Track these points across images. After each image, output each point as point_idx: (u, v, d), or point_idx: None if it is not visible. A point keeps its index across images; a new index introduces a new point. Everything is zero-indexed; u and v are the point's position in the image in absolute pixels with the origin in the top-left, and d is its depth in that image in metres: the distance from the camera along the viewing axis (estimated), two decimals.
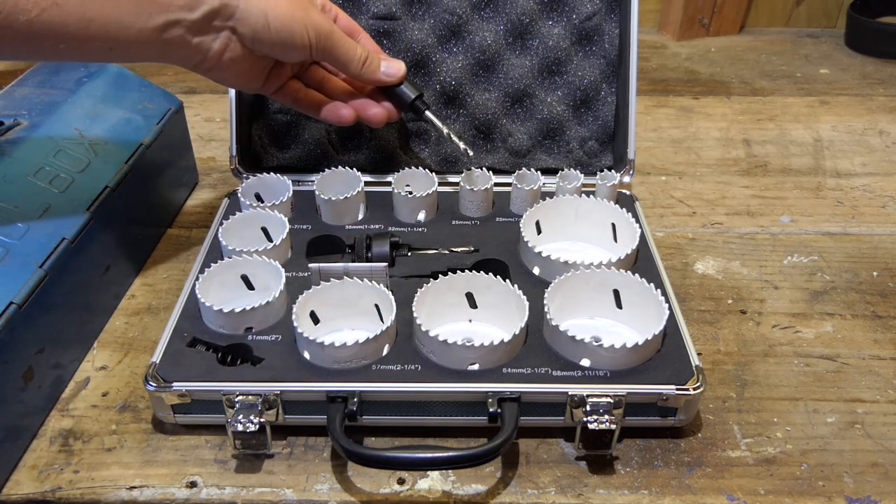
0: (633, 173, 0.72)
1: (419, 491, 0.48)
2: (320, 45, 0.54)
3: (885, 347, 0.59)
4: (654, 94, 1.04)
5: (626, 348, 0.48)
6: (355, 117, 0.60)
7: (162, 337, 0.52)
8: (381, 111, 0.61)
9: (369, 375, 0.49)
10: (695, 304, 0.64)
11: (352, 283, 0.54)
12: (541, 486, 0.48)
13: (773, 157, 0.88)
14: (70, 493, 0.47)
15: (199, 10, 0.48)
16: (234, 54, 0.52)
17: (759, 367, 0.57)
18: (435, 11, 0.72)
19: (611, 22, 0.73)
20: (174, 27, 0.48)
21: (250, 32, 0.51)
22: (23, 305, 0.49)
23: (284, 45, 0.53)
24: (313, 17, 0.53)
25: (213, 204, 0.78)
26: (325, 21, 0.54)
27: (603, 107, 0.74)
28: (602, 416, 0.47)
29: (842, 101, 1.02)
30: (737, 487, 0.48)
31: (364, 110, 0.61)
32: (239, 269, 0.57)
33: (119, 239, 0.63)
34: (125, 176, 0.64)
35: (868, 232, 0.74)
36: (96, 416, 0.53)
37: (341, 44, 0.56)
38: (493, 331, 0.55)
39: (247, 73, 0.55)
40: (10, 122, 0.62)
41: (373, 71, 0.59)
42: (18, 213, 0.54)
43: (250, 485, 0.48)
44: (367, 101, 0.61)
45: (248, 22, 0.51)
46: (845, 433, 0.52)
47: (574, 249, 0.64)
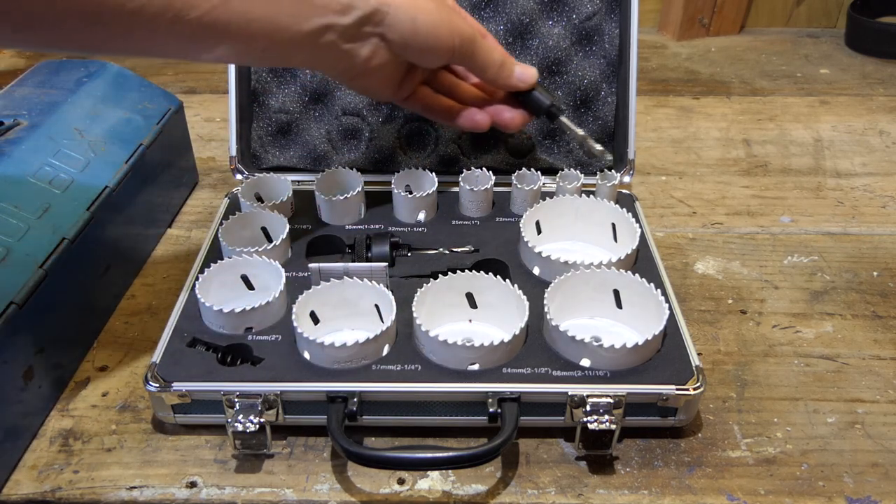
0: (633, 173, 0.72)
1: (419, 491, 0.48)
2: (464, 50, 0.53)
3: (885, 347, 0.59)
4: (654, 94, 1.04)
5: (626, 348, 0.48)
6: (490, 122, 0.59)
7: (162, 337, 0.52)
8: (517, 116, 0.59)
9: (369, 375, 0.49)
10: (695, 304, 0.64)
11: (352, 283, 0.54)
12: (541, 486, 0.48)
13: (774, 157, 0.88)
14: (70, 493, 0.47)
15: (351, 14, 0.47)
16: (380, 61, 0.51)
17: (759, 367, 0.57)
18: None
19: (611, 22, 0.73)
20: (328, 32, 0.47)
21: (399, 38, 0.50)
22: (23, 305, 0.49)
23: (431, 50, 0.52)
24: (456, 21, 0.52)
25: (213, 204, 0.78)
26: (467, 26, 0.53)
27: (603, 107, 0.74)
28: (602, 416, 0.47)
29: (842, 101, 1.02)
30: (737, 487, 0.48)
31: (499, 115, 0.59)
32: (239, 269, 0.57)
33: (119, 239, 0.63)
34: (125, 176, 0.64)
35: (868, 232, 0.74)
36: (96, 416, 0.53)
37: (482, 48, 0.54)
38: (493, 331, 0.55)
39: (387, 79, 0.54)
40: (10, 122, 0.62)
41: (507, 76, 0.57)
42: (18, 213, 0.54)
43: (250, 485, 0.48)
44: (501, 106, 0.59)
45: (398, 28, 0.49)
46: (845, 433, 0.52)
47: (574, 249, 0.64)
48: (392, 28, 0.49)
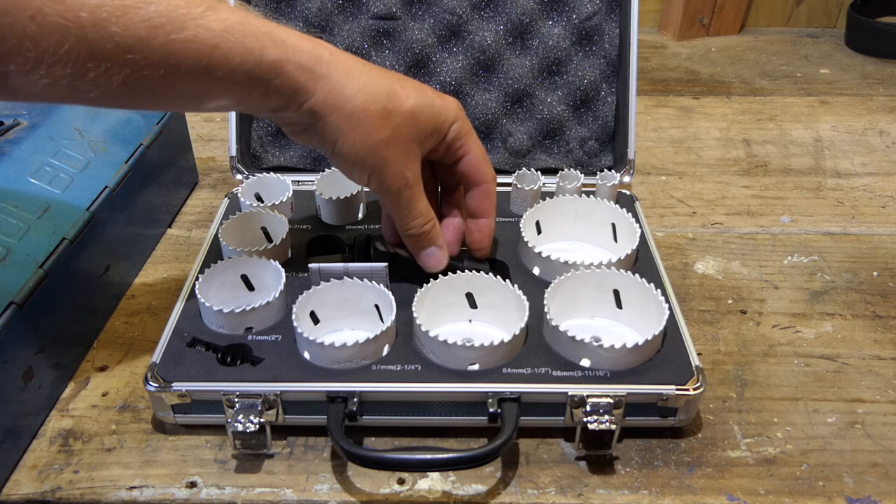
0: (633, 173, 0.72)
1: (419, 491, 0.48)
2: (380, 194, 0.51)
3: (886, 347, 0.59)
4: (654, 94, 1.04)
5: (626, 348, 0.48)
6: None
7: (162, 337, 0.52)
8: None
9: (369, 375, 0.49)
10: (695, 304, 0.64)
11: (352, 283, 0.54)
12: (541, 486, 0.48)
13: (773, 157, 0.88)
14: (70, 493, 0.47)
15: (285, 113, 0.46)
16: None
17: (759, 367, 0.57)
18: (435, 11, 0.72)
19: (611, 22, 0.73)
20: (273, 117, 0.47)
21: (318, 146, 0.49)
22: (23, 305, 0.49)
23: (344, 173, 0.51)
24: (392, 167, 0.49)
25: (213, 204, 0.78)
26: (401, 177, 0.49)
27: (603, 107, 0.74)
28: (602, 416, 0.47)
29: (842, 101, 1.02)
30: (737, 487, 0.48)
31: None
32: (239, 269, 0.57)
33: (119, 239, 0.63)
34: (125, 176, 0.64)
35: (868, 232, 0.74)
36: (96, 416, 0.53)
37: (400, 206, 0.51)
38: (493, 331, 0.55)
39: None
40: (10, 122, 0.62)
41: (416, 249, 0.55)
42: (18, 213, 0.54)
43: (250, 485, 0.48)
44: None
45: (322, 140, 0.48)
46: (845, 433, 0.52)
47: (574, 249, 0.64)
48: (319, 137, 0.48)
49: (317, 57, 0.45)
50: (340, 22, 0.72)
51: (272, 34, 0.43)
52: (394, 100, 0.47)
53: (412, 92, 0.49)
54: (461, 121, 0.52)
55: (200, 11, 0.40)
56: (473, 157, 0.53)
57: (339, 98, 0.46)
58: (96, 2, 0.36)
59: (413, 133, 0.49)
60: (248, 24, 0.42)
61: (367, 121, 0.47)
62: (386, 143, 0.48)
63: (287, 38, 0.44)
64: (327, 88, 0.45)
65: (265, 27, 0.43)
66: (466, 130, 0.52)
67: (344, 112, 0.46)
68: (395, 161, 0.49)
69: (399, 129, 0.48)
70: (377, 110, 0.47)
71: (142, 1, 0.38)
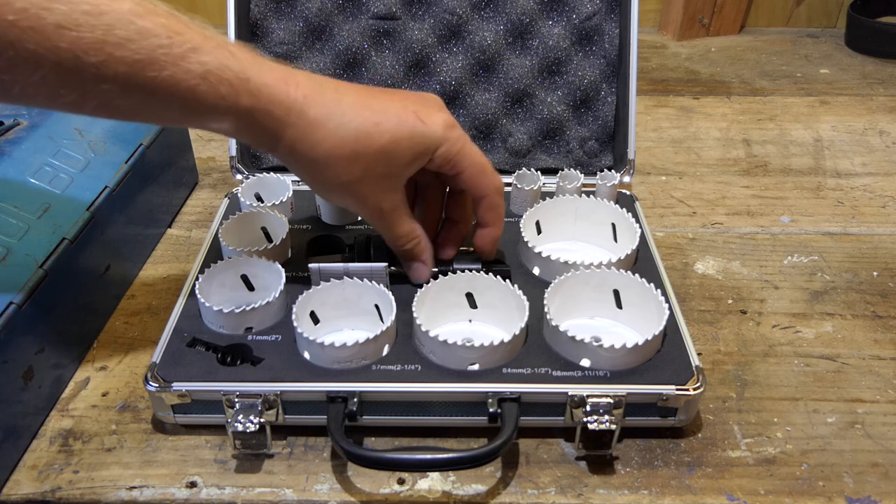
0: (633, 173, 0.72)
1: (419, 491, 0.48)
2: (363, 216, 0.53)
3: (886, 347, 0.59)
4: (654, 94, 1.04)
5: (626, 348, 0.48)
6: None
7: (162, 337, 0.52)
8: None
9: (369, 375, 0.49)
10: (695, 304, 0.64)
11: (352, 283, 0.54)
12: (541, 486, 0.48)
13: (773, 157, 0.88)
14: (70, 493, 0.47)
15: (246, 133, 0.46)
16: None
17: (759, 367, 0.57)
18: (435, 11, 0.72)
19: (611, 22, 0.73)
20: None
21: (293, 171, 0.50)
22: (23, 305, 0.49)
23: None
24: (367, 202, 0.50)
25: (213, 204, 0.78)
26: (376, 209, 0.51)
27: (603, 107, 0.74)
28: (602, 416, 0.47)
29: (842, 101, 1.02)
30: (737, 487, 0.48)
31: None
32: (239, 269, 0.57)
33: (119, 239, 0.63)
34: (125, 176, 0.64)
35: (868, 232, 0.74)
36: (96, 416, 0.53)
37: (381, 229, 0.53)
38: (493, 331, 0.55)
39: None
40: (10, 122, 0.62)
41: (401, 260, 0.56)
42: (18, 213, 0.54)
43: (250, 485, 0.48)
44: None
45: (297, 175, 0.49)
46: (845, 433, 0.52)
47: (574, 249, 0.64)
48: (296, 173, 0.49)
49: (287, 106, 0.45)
50: (340, 22, 0.72)
51: (249, 83, 0.43)
52: (364, 141, 0.47)
53: (388, 127, 0.48)
54: (448, 143, 0.50)
55: (182, 52, 0.40)
56: (468, 175, 0.52)
57: (304, 145, 0.46)
58: (76, 35, 0.36)
59: (388, 169, 0.49)
60: (227, 69, 0.42)
61: (334, 165, 0.47)
62: (357, 182, 0.49)
63: (262, 87, 0.44)
64: (296, 136, 0.46)
65: (244, 72, 0.43)
66: (456, 151, 0.51)
67: (310, 158, 0.47)
68: (369, 197, 0.50)
69: (371, 167, 0.48)
70: (345, 154, 0.47)
71: (124, 38, 0.38)
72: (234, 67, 0.43)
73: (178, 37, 0.40)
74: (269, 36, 0.72)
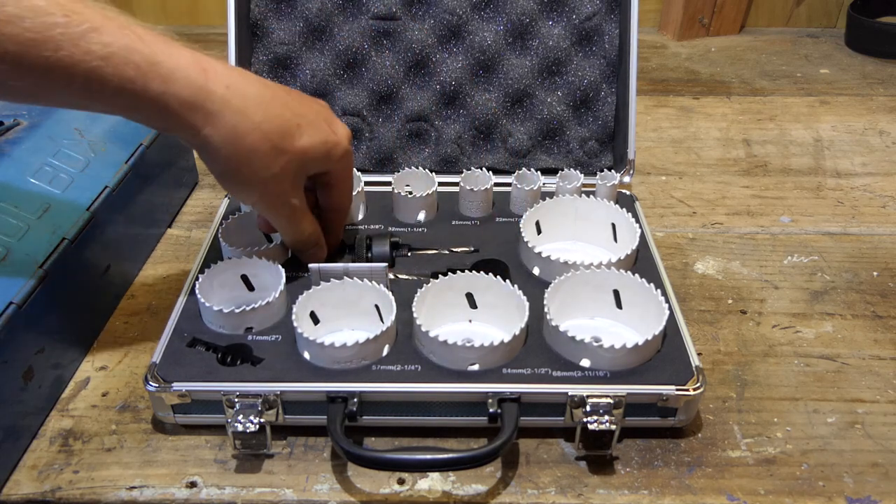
0: (633, 173, 0.72)
1: (419, 491, 0.48)
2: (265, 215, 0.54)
3: (885, 347, 0.59)
4: (654, 94, 1.04)
5: (626, 348, 0.48)
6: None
7: (162, 337, 0.52)
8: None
9: (369, 376, 0.49)
10: (695, 304, 0.64)
11: (352, 283, 0.54)
12: (541, 486, 0.48)
13: (773, 157, 0.88)
14: (70, 493, 0.47)
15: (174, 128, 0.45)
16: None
17: (759, 367, 0.57)
18: (435, 11, 0.72)
19: (611, 22, 0.73)
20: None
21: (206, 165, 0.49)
22: (23, 305, 0.49)
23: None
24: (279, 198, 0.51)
25: (213, 204, 0.78)
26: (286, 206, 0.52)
27: (603, 107, 0.74)
28: (602, 416, 0.47)
29: (842, 101, 1.02)
30: (737, 487, 0.48)
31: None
32: (239, 269, 0.57)
33: (119, 239, 0.63)
34: (125, 176, 0.64)
35: (868, 232, 0.74)
36: (96, 416, 0.53)
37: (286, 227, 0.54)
38: (493, 331, 0.55)
39: None
40: (10, 122, 0.62)
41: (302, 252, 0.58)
42: (18, 213, 0.54)
43: (250, 485, 0.48)
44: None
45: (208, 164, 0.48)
46: (845, 433, 0.52)
47: (574, 249, 0.64)
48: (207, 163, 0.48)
49: (207, 92, 0.44)
50: (340, 22, 0.72)
51: (159, 66, 0.42)
52: (287, 139, 0.48)
53: (307, 130, 0.49)
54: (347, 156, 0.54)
55: (81, 31, 0.38)
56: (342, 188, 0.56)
57: (229, 136, 0.46)
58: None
59: (301, 167, 0.50)
60: (133, 51, 0.40)
61: (256, 160, 0.47)
62: (273, 178, 0.49)
63: (175, 70, 0.42)
64: (218, 125, 0.45)
65: (154, 56, 0.41)
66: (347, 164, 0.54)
67: (233, 149, 0.46)
68: (281, 193, 0.51)
69: (288, 165, 0.49)
70: (268, 149, 0.47)
71: (14, 16, 0.36)
72: (143, 50, 0.41)
73: (75, 16, 0.38)
74: (270, 36, 0.72)
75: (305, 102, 0.52)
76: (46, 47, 0.37)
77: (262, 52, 0.72)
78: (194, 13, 1.27)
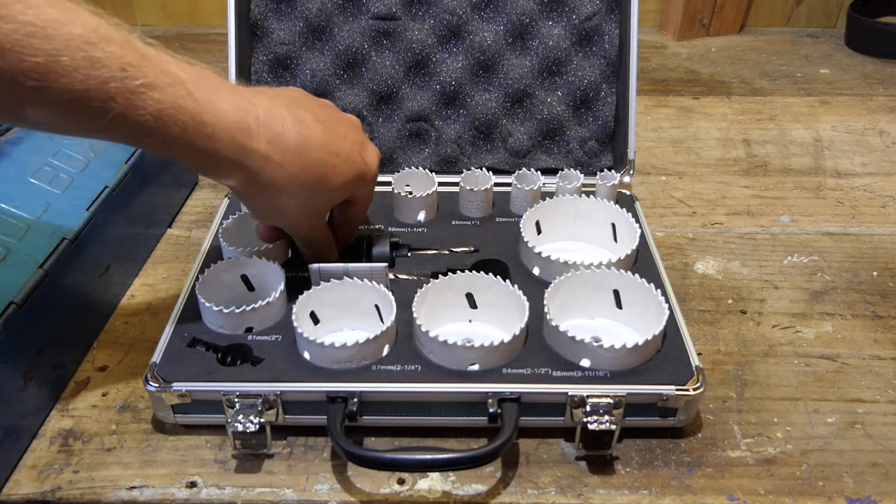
0: (633, 173, 0.72)
1: (419, 491, 0.48)
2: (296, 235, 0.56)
3: (885, 347, 0.59)
4: (654, 94, 1.04)
5: (626, 348, 0.48)
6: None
7: (162, 337, 0.52)
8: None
9: (369, 376, 0.49)
10: (695, 304, 0.64)
11: (352, 284, 0.54)
12: (541, 486, 0.48)
13: (773, 157, 0.88)
14: (70, 493, 0.47)
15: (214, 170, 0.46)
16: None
17: (759, 367, 0.57)
18: (435, 11, 0.72)
19: (611, 22, 0.73)
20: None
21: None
22: (23, 305, 0.49)
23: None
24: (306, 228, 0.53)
25: (213, 204, 0.78)
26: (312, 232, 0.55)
27: (603, 107, 0.74)
28: (602, 416, 0.47)
29: (842, 101, 1.02)
30: (737, 487, 0.48)
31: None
32: (239, 269, 0.57)
33: (119, 239, 0.63)
34: (125, 176, 0.64)
35: (868, 232, 0.74)
36: (96, 416, 0.53)
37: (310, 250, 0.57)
38: (493, 331, 0.55)
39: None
40: None
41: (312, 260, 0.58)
42: (18, 213, 0.54)
43: (250, 485, 0.48)
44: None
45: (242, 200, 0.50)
46: (845, 433, 0.52)
47: (574, 249, 0.64)
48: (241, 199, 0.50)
49: (249, 151, 0.44)
50: (340, 22, 0.72)
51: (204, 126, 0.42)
52: (322, 181, 0.49)
53: (342, 170, 0.50)
54: (374, 180, 0.55)
55: (134, 87, 0.37)
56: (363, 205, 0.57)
57: (266, 188, 0.47)
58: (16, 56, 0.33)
59: (331, 202, 0.53)
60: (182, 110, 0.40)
61: (291, 203, 0.49)
62: (306, 215, 0.52)
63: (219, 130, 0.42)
64: (257, 180, 0.46)
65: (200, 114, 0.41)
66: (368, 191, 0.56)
67: (269, 197, 0.48)
68: (310, 222, 0.53)
69: (322, 203, 0.52)
70: (305, 195, 0.49)
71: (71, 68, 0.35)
72: (189, 108, 0.41)
73: (132, 69, 0.37)
74: (270, 36, 0.72)
75: (341, 132, 0.51)
76: (99, 99, 0.37)
77: (262, 52, 0.72)
78: (194, 13, 1.27)
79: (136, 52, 0.38)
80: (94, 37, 0.36)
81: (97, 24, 0.36)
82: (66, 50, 0.35)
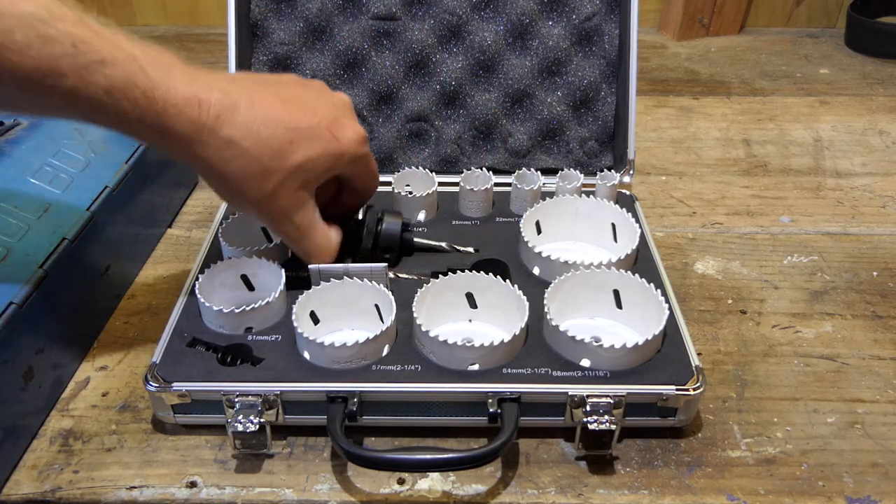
0: (633, 173, 0.72)
1: (419, 491, 0.48)
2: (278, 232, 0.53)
3: (885, 347, 0.59)
4: (654, 94, 1.04)
5: (626, 348, 0.48)
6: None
7: (162, 337, 0.52)
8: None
9: (369, 376, 0.49)
10: (695, 304, 0.64)
11: (352, 283, 0.54)
12: (541, 486, 0.48)
13: (773, 157, 0.88)
14: (70, 493, 0.47)
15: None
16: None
17: (759, 367, 0.57)
18: (435, 11, 0.72)
19: (611, 22, 0.73)
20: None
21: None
22: (23, 305, 0.49)
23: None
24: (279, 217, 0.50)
25: (213, 204, 0.78)
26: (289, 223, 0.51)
27: (603, 107, 0.74)
28: (602, 416, 0.47)
29: (842, 101, 1.02)
30: (737, 487, 0.48)
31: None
32: (239, 269, 0.57)
33: (119, 239, 0.63)
34: (125, 176, 0.64)
35: (868, 232, 0.74)
36: (96, 416, 0.53)
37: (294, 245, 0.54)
38: (493, 331, 0.55)
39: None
40: (10, 122, 0.62)
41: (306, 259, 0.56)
42: (18, 213, 0.54)
43: (250, 485, 0.48)
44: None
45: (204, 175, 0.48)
46: (845, 433, 0.52)
47: (574, 249, 0.64)
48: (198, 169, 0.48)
49: (198, 127, 0.44)
50: (340, 22, 0.72)
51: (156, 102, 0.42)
52: (277, 159, 0.47)
53: (302, 144, 0.48)
54: (356, 160, 0.52)
55: (87, 63, 0.38)
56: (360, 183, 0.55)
57: (216, 162, 0.46)
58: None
59: (301, 182, 0.49)
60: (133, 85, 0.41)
61: (247, 181, 0.47)
62: (268, 198, 0.49)
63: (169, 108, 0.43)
64: (208, 154, 0.45)
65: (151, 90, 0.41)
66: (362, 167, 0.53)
67: (222, 174, 0.47)
68: (279, 210, 0.50)
69: (283, 182, 0.48)
70: (258, 171, 0.47)
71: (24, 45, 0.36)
72: (142, 84, 0.41)
73: (83, 46, 0.38)
74: (270, 36, 0.72)
75: (310, 110, 0.49)
76: (53, 77, 0.38)
77: (262, 52, 0.72)
78: (194, 13, 1.27)
79: (90, 29, 0.39)
80: (47, 15, 0.37)
81: (49, 2, 0.37)
82: (18, 28, 0.36)
